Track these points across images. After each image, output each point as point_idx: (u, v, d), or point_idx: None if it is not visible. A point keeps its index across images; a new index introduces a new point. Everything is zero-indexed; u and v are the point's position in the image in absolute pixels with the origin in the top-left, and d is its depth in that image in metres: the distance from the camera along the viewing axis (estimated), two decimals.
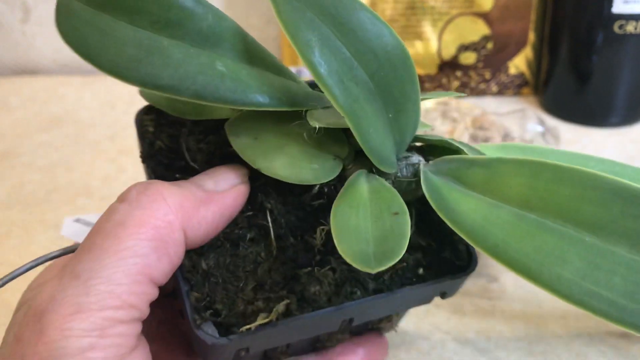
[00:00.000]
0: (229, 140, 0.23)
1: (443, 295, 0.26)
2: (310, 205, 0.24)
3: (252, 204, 0.24)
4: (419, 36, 0.59)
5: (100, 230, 0.21)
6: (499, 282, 0.40)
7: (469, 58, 0.60)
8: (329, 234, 0.22)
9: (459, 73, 0.60)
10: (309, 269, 0.23)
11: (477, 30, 0.59)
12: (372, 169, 0.24)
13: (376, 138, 0.22)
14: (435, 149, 0.25)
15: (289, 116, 0.23)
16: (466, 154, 0.23)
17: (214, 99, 0.20)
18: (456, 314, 0.37)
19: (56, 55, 0.74)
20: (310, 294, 0.23)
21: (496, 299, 0.38)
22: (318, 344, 0.27)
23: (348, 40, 0.21)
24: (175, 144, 0.25)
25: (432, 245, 0.25)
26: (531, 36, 0.59)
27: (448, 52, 0.60)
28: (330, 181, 0.23)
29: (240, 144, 0.22)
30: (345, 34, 0.21)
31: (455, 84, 0.61)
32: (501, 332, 0.36)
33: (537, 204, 0.20)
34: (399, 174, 0.24)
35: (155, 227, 0.21)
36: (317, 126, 0.21)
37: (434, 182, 0.22)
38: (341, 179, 0.24)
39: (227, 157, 0.24)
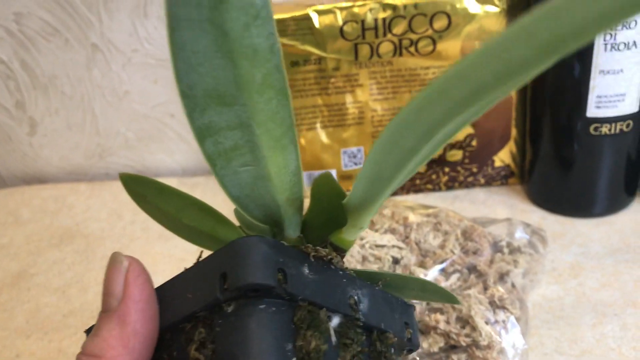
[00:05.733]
0: None
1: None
2: None
3: None
4: None
5: None
6: None
7: (455, 155, 0.63)
8: None
9: (447, 169, 0.64)
10: None
11: (462, 130, 0.62)
12: None
13: None
14: None
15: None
16: None
17: None
18: None
19: (62, 163, 0.77)
20: None
21: None
22: None
23: None
24: None
25: None
26: (513, 132, 0.62)
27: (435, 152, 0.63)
28: None
29: None
30: None
31: (444, 178, 0.64)
32: None
33: None
34: None
35: None
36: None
37: None
38: None
39: None
